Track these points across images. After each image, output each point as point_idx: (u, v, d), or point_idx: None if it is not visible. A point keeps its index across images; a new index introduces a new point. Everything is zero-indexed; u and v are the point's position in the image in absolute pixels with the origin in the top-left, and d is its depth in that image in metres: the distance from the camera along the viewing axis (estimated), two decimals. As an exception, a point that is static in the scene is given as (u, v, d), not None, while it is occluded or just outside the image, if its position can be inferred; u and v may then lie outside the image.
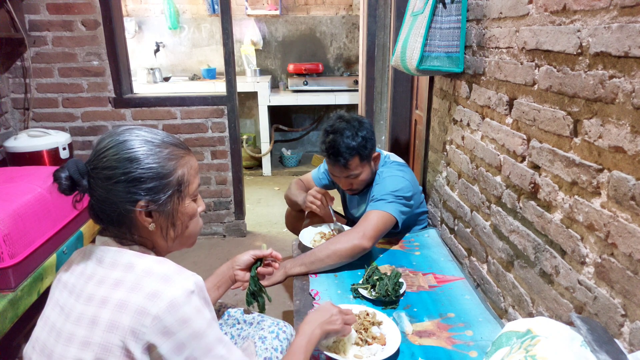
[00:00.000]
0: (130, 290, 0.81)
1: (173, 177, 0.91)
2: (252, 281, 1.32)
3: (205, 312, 0.84)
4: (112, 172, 0.86)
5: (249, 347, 1.22)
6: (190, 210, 0.96)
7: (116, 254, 0.88)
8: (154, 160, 0.88)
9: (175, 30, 4.53)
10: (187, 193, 0.94)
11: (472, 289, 1.52)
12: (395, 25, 2.53)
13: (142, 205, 0.87)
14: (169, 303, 0.79)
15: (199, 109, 2.89)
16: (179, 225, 0.95)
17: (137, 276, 0.83)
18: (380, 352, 1.16)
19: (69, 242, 1.85)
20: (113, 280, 0.84)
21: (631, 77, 0.84)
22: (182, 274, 0.85)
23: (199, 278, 0.86)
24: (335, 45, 4.75)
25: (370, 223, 1.62)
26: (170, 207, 0.91)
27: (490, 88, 1.45)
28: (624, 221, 0.87)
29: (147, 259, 0.88)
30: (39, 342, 0.88)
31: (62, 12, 2.61)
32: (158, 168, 0.88)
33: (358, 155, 1.71)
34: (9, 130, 2.68)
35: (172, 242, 0.96)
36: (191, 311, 0.81)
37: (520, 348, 0.80)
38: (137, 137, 0.89)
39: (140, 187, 0.87)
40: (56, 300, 0.90)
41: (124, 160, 0.86)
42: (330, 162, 1.75)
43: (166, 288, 0.81)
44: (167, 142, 0.92)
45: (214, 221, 3.11)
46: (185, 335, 0.80)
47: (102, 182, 0.87)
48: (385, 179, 1.78)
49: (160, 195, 0.89)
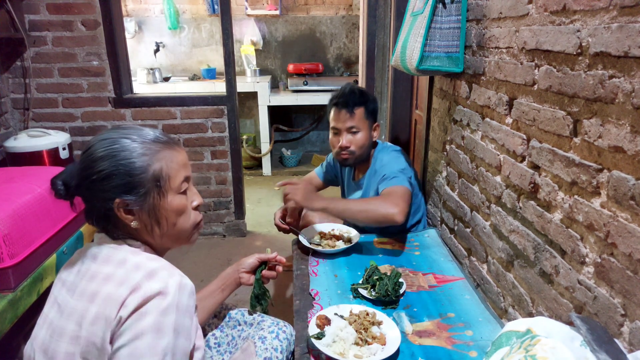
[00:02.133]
0: (118, 284, 0.82)
1: (147, 172, 0.88)
2: (256, 284, 1.33)
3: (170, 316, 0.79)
4: (88, 171, 0.88)
5: (249, 347, 1.22)
6: (176, 205, 0.93)
7: (111, 250, 0.89)
8: (127, 156, 0.87)
9: (175, 30, 4.53)
10: (169, 188, 0.91)
11: (472, 289, 1.52)
12: (395, 25, 2.53)
13: (119, 203, 0.87)
14: (143, 295, 0.79)
15: (199, 109, 2.89)
16: (163, 222, 0.92)
17: (127, 271, 0.84)
18: (380, 352, 1.16)
19: (69, 242, 1.84)
20: (104, 275, 0.85)
21: (631, 77, 0.84)
22: (169, 270, 0.85)
23: (188, 281, 0.85)
24: (335, 45, 4.75)
25: (398, 195, 1.65)
26: (151, 203, 0.89)
27: (490, 88, 1.45)
28: (623, 221, 0.87)
29: (141, 255, 0.88)
30: (37, 340, 0.89)
31: (62, 12, 2.61)
32: (128, 165, 0.87)
33: (364, 107, 1.85)
34: (9, 130, 2.68)
35: (160, 239, 0.94)
36: (155, 309, 0.79)
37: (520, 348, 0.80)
38: (115, 135, 0.90)
39: (112, 185, 0.87)
40: (54, 298, 0.92)
41: (97, 159, 0.87)
42: (339, 108, 1.85)
43: (147, 282, 0.81)
44: (145, 138, 0.91)
45: (214, 221, 3.11)
46: (130, 334, 0.78)
47: (83, 182, 0.88)
48: (390, 161, 1.86)
49: (135, 192, 0.88)
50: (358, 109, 1.84)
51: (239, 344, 1.29)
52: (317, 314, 1.28)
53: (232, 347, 1.31)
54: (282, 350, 1.24)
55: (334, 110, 1.87)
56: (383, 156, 1.91)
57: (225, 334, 1.33)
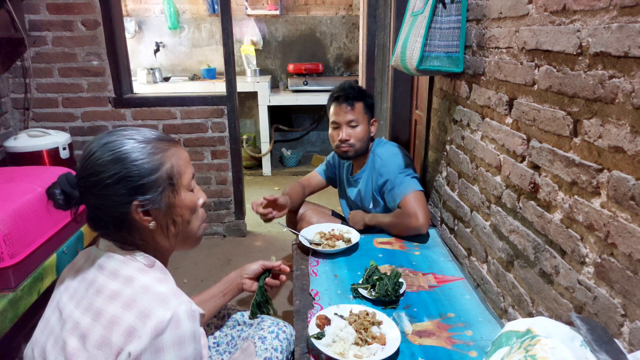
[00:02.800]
0: (125, 307, 0.80)
1: (161, 170, 0.88)
2: (259, 291, 1.32)
3: (186, 346, 0.79)
4: (98, 177, 0.84)
5: (249, 348, 1.22)
6: (189, 201, 0.93)
7: (119, 263, 0.86)
8: (138, 157, 0.86)
9: (175, 30, 4.53)
10: (181, 185, 0.91)
11: (472, 289, 1.52)
12: (395, 25, 2.52)
13: (137, 204, 0.85)
14: (155, 325, 0.77)
15: (199, 109, 2.89)
16: (178, 219, 0.92)
17: (134, 291, 0.81)
18: (380, 352, 1.16)
19: (69, 242, 1.85)
20: (110, 292, 0.82)
21: (631, 77, 0.84)
22: (179, 297, 0.82)
23: (195, 307, 0.83)
24: (335, 45, 4.75)
25: (414, 204, 1.77)
26: (167, 202, 0.89)
27: (490, 88, 1.45)
28: (623, 221, 0.87)
29: (149, 275, 0.86)
30: (38, 345, 0.88)
31: (62, 12, 2.61)
32: (144, 164, 0.86)
33: (364, 102, 1.92)
34: (9, 130, 2.68)
35: (175, 239, 0.93)
36: (170, 341, 0.78)
37: (520, 348, 0.80)
38: (117, 137, 0.87)
39: (130, 187, 0.84)
40: (57, 303, 0.90)
41: (108, 162, 0.84)
42: (339, 102, 1.91)
43: (158, 309, 0.78)
44: (148, 137, 0.90)
45: (214, 221, 3.11)
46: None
47: (92, 189, 0.85)
48: (390, 160, 1.91)
49: (153, 191, 0.86)
50: (358, 103, 1.90)
51: (239, 344, 1.29)
52: (317, 314, 1.28)
53: (231, 347, 1.31)
54: (282, 351, 1.24)
55: (334, 105, 1.93)
56: (382, 151, 1.94)
57: (225, 333, 1.33)
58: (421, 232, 1.79)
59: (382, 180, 1.88)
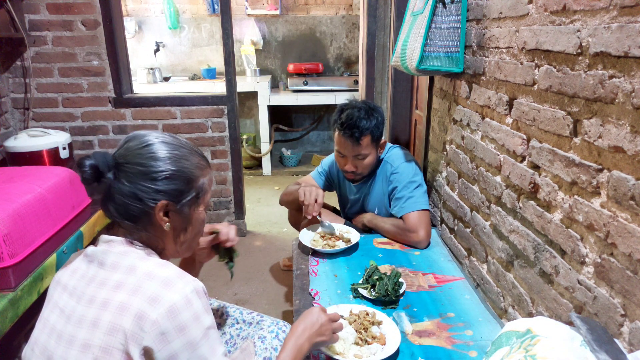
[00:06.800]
0: (131, 293, 0.81)
1: (197, 183, 0.95)
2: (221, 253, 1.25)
3: (203, 319, 0.84)
4: (145, 168, 0.88)
5: (248, 347, 1.22)
6: (202, 217, 1.00)
7: (118, 256, 0.88)
8: (186, 165, 0.93)
9: (175, 30, 4.53)
10: (203, 201, 0.98)
11: (472, 288, 1.52)
12: (395, 25, 2.52)
13: (165, 204, 0.90)
14: (168, 308, 0.79)
15: (199, 108, 2.89)
16: (190, 229, 0.98)
17: (138, 279, 0.83)
18: (380, 351, 1.16)
19: (69, 242, 1.84)
20: (114, 283, 0.84)
21: (631, 77, 0.84)
22: (183, 278, 0.85)
23: (200, 283, 0.87)
24: (335, 45, 4.75)
25: (417, 222, 1.76)
26: (187, 211, 0.95)
27: (490, 88, 1.45)
28: (623, 221, 0.87)
29: (150, 261, 0.88)
30: (38, 345, 0.88)
31: (62, 12, 2.61)
32: (188, 172, 0.93)
33: (371, 134, 1.78)
34: (9, 130, 2.68)
35: (181, 246, 0.99)
36: (189, 318, 0.81)
37: (520, 348, 0.80)
38: (173, 140, 0.94)
39: (169, 187, 0.90)
40: (55, 303, 0.90)
41: (162, 158, 0.89)
42: (344, 137, 1.77)
43: (166, 292, 0.81)
44: (196, 151, 0.98)
45: (214, 221, 3.11)
46: (180, 345, 0.80)
47: (131, 177, 0.88)
48: (403, 168, 1.87)
49: (182, 198, 0.92)
50: (364, 138, 1.76)
51: (238, 343, 1.29)
52: (317, 313, 1.28)
53: (230, 346, 1.31)
54: (282, 350, 1.23)
55: (339, 136, 1.80)
56: (392, 158, 1.92)
57: (223, 332, 1.33)
58: (419, 247, 1.78)
59: (391, 186, 1.89)
